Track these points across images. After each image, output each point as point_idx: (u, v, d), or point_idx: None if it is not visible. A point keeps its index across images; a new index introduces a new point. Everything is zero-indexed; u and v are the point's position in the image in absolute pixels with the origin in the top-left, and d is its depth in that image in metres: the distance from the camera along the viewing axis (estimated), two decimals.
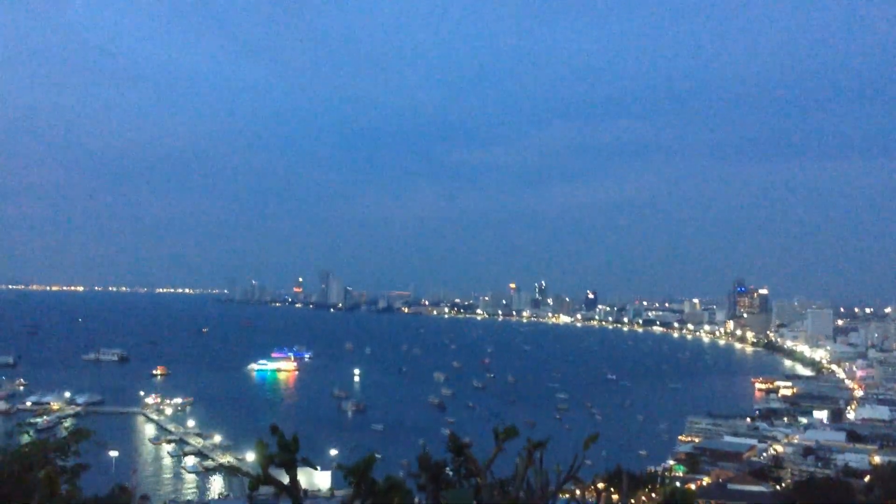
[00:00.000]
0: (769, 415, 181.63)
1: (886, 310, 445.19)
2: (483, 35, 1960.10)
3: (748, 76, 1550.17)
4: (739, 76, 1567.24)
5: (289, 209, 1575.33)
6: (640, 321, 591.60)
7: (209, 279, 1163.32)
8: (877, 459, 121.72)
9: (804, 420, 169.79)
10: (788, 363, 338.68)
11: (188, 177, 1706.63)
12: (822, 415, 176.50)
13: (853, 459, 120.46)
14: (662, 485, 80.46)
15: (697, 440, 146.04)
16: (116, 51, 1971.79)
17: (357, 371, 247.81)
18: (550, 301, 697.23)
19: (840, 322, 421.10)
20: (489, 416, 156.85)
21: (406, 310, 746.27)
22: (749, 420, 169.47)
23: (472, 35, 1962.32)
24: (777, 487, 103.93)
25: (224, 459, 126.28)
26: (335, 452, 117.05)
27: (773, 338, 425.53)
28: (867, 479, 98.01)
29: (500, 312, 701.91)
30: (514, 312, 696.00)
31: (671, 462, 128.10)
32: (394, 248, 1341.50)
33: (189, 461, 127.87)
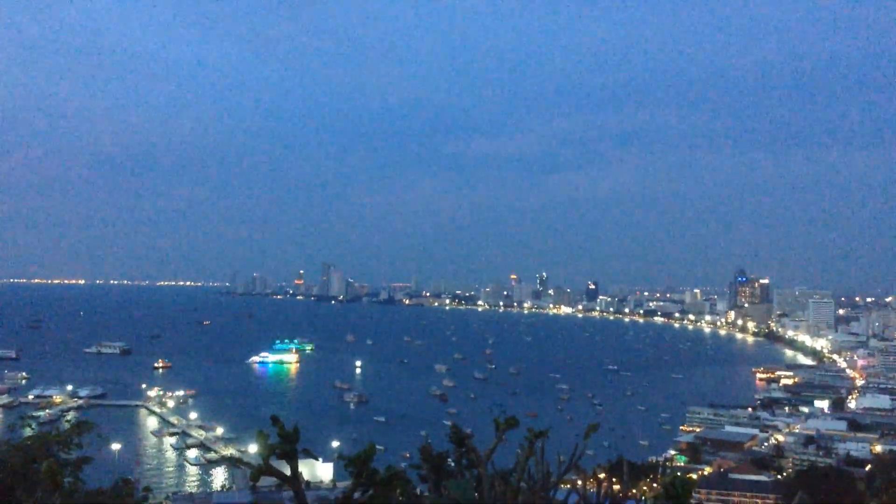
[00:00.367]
0: (770, 404, 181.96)
1: (887, 299, 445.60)
2: (485, 26, 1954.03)
3: (752, 66, 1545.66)
4: (743, 66, 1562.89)
5: (290, 202, 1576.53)
6: (642, 312, 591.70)
7: (211, 272, 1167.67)
8: (878, 448, 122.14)
9: (805, 409, 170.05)
10: (789, 353, 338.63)
11: (190, 170, 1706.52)
12: (824, 404, 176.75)
13: (854, 448, 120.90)
14: (663, 474, 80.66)
15: (699, 430, 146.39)
16: (120, 45, 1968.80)
17: (359, 363, 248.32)
18: (551, 292, 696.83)
19: (841, 311, 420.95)
20: (491, 408, 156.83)
21: (407, 301, 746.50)
22: (750, 410, 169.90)
23: (475, 27, 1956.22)
24: (778, 477, 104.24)
25: (226, 452, 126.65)
26: (337, 444, 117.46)
27: (775, 327, 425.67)
28: (868, 468, 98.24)
29: (502, 304, 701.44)
30: (516, 304, 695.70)
31: (672, 452, 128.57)
32: (395, 240, 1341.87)
33: (191, 454, 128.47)
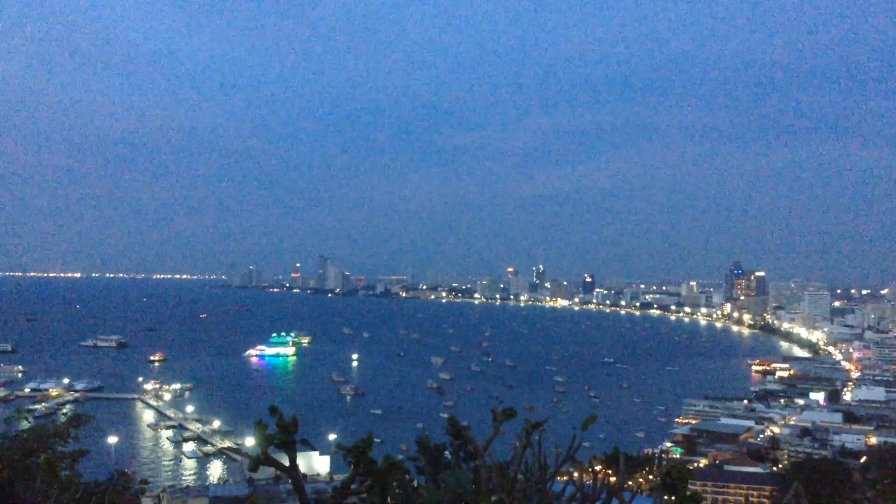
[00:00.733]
0: (766, 396, 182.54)
1: (883, 291, 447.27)
2: (479, 20, 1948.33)
3: (746, 59, 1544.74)
4: (738, 59, 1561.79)
5: (286, 195, 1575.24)
6: (638, 304, 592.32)
7: (207, 265, 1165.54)
8: (873, 440, 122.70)
9: (801, 401, 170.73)
10: (785, 345, 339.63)
11: (186, 163, 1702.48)
12: (819, 396, 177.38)
13: (850, 440, 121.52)
14: (660, 466, 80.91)
15: (694, 422, 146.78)
16: (114, 36, 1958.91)
17: (355, 356, 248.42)
18: (548, 285, 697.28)
19: (837, 303, 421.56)
20: (488, 400, 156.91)
21: (404, 294, 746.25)
22: (746, 402, 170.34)
23: (469, 20, 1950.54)
24: (774, 468, 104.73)
25: (223, 444, 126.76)
26: (334, 437, 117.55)
27: (770, 320, 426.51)
28: (863, 460, 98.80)
29: (498, 296, 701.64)
30: (512, 296, 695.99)
31: (668, 444, 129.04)
32: (391, 233, 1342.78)
33: (188, 446, 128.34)
